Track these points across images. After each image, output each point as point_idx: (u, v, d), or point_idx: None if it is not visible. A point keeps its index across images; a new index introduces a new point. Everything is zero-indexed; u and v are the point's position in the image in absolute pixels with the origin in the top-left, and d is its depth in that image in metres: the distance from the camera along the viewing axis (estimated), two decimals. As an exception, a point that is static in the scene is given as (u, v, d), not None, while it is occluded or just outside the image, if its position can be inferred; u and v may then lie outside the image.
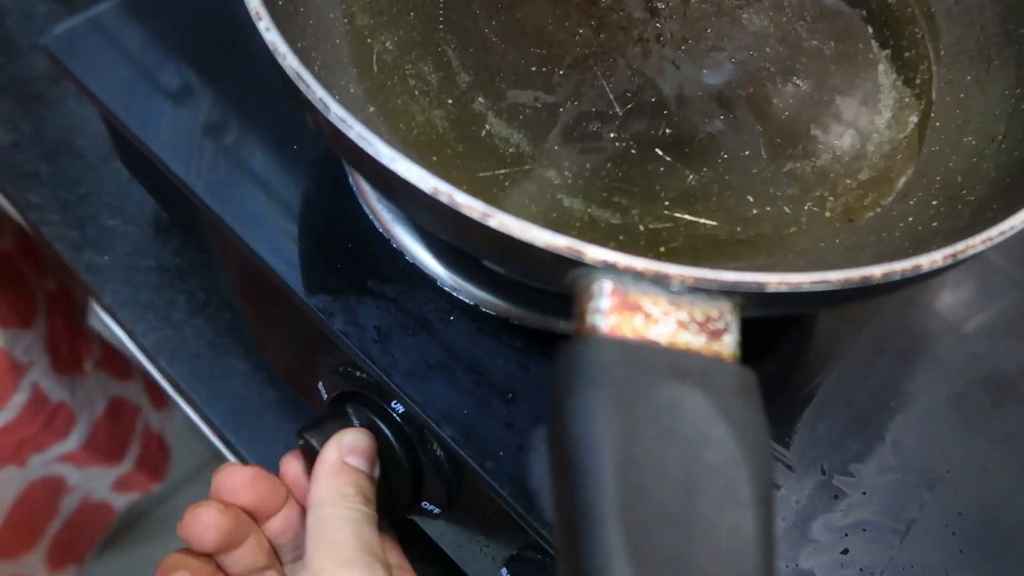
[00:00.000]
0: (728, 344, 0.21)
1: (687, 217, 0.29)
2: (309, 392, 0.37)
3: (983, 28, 0.34)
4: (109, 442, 0.66)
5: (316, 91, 0.22)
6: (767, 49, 0.33)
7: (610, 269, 0.21)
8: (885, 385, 0.33)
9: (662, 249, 0.28)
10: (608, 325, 0.20)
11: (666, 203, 0.29)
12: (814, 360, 0.34)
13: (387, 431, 0.31)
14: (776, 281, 0.21)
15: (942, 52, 0.34)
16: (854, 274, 0.21)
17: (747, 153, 0.30)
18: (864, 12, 0.35)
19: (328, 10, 0.32)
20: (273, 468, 0.41)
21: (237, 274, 0.38)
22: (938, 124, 0.32)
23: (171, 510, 0.96)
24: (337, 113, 0.22)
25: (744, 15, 0.34)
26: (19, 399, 0.55)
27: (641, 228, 0.28)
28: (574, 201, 0.29)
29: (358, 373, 0.33)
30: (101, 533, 0.75)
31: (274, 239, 0.33)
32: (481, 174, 0.29)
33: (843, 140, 0.31)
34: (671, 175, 0.30)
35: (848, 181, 0.30)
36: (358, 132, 0.22)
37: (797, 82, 0.33)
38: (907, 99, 0.33)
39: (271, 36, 0.23)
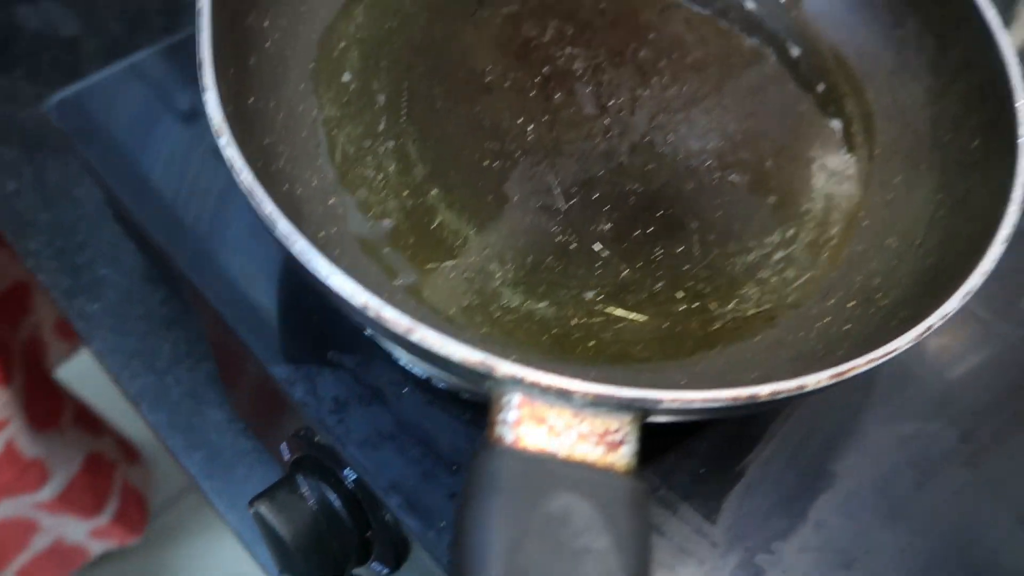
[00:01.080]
0: (624, 455, 0.23)
1: (618, 312, 0.31)
2: (274, 450, 0.39)
3: (916, 130, 0.36)
4: (86, 495, 0.67)
5: (266, 207, 0.25)
6: (709, 146, 0.35)
7: (519, 383, 0.23)
8: (814, 465, 0.35)
9: (591, 343, 0.30)
10: (512, 436, 0.22)
11: (600, 298, 0.31)
12: (747, 439, 0.36)
13: (336, 500, 0.33)
14: (670, 398, 0.23)
15: (876, 152, 0.36)
16: (742, 393, 0.23)
17: (681, 249, 0.33)
18: (807, 112, 0.37)
19: (299, 103, 0.34)
20: (242, 514, 0.44)
21: (211, 334, 0.40)
22: (866, 223, 0.34)
23: (152, 536, 0.96)
24: (282, 231, 0.24)
25: (690, 113, 0.36)
26: None
27: (573, 322, 0.30)
28: (513, 296, 0.31)
29: (316, 438, 0.35)
30: (71, 570, 0.75)
31: (242, 306, 0.35)
32: (429, 266, 0.31)
33: (773, 237, 0.34)
34: (607, 269, 0.32)
35: (774, 280, 0.32)
36: (299, 248, 0.24)
37: (735, 179, 0.35)
38: (839, 199, 0.35)
39: (229, 152, 0.26)
